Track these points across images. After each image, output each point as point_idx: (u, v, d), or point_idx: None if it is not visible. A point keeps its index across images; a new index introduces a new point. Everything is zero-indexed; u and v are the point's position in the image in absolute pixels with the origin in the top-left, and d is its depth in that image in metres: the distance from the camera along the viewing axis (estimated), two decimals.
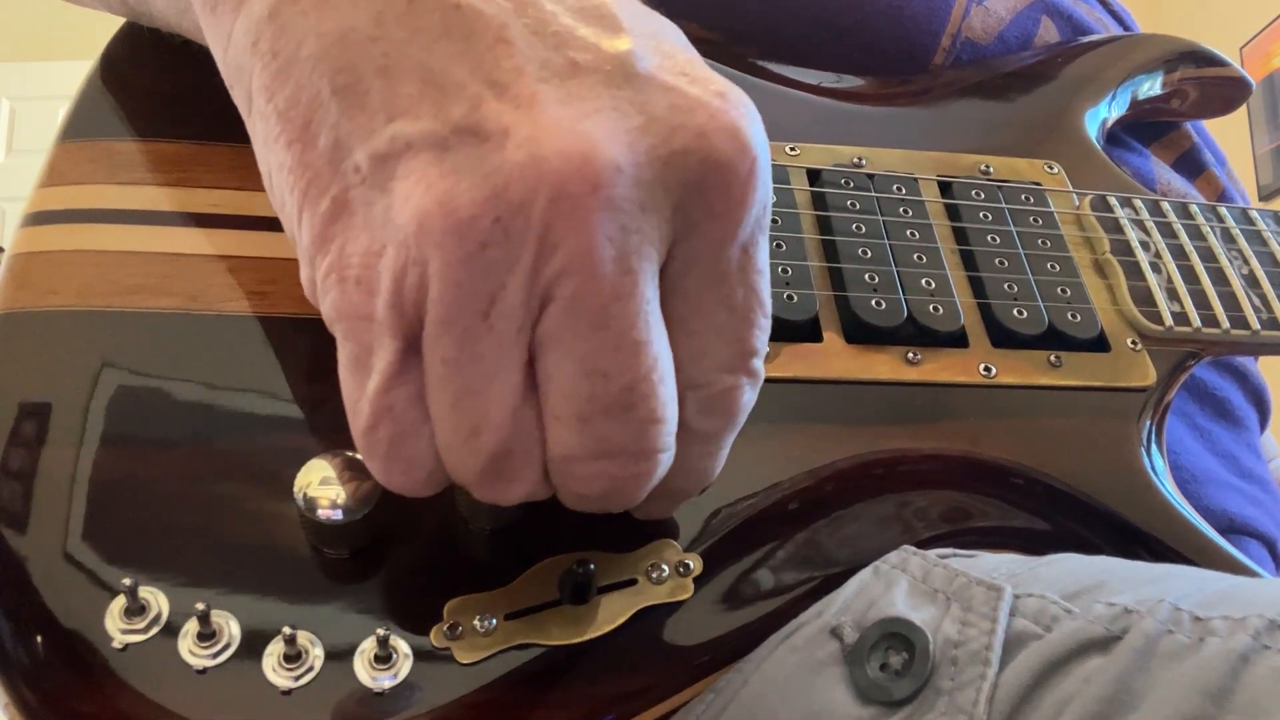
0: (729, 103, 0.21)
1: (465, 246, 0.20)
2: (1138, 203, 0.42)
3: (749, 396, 0.24)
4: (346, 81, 0.21)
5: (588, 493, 0.23)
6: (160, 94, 0.36)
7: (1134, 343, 0.37)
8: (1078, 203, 0.42)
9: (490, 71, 0.20)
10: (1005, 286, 0.37)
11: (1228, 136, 0.55)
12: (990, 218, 0.39)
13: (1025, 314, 0.36)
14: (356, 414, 0.22)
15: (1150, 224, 0.41)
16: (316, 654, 0.25)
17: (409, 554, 0.27)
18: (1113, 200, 0.41)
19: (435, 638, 0.26)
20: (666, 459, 0.23)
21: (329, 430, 0.29)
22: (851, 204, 0.38)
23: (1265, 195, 2.21)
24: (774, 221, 0.36)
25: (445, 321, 0.20)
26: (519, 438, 0.22)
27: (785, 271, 0.35)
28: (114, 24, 0.38)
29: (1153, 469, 0.34)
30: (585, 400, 0.21)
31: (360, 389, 0.22)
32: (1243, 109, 0.53)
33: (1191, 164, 0.53)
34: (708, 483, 0.26)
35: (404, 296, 0.21)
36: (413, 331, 0.21)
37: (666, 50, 0.22)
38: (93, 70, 0.36)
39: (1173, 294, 0.39)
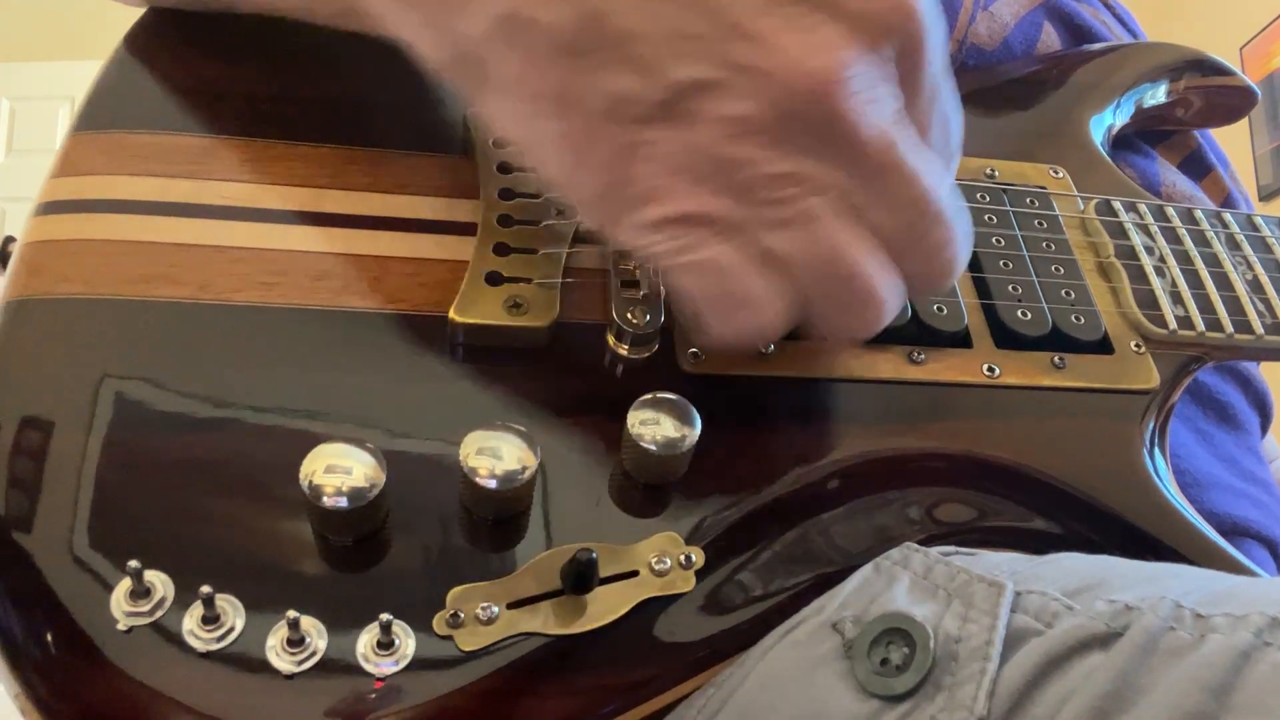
0: None
1: (765, 143, 0.25)
2: (1142, 207, 0.42)
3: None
4: (601, 58, 0.25)
5: (937, 266, 0.29)
6: (174, 87, 0.36)
7: (1137, 345, 0.37)
8: (1082, 206, 0.42)
9: (722, 19, 0.25)
10: (1009, 288, 0.37)
11: (1228, 137, 0.55)
12: (995, 220, 0.40)
13: (1029, 315, 0.36)
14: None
15: (1155, 228, 0.41)
16: (319, 640, 0.25)
17: (413, 542, 0.27)
18: (1117, 204, 0.42)
19: (438, 625, 0.26)
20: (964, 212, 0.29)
21: (335, 418, 0.29)
22: None
23: (1265, 196, 2.21)
24: None
25: (774, 201, 0.26)
26: (868, 265, 0.27)
27: None
28: (115, 23, 0.38)
29: (1155, 471, 0.34)
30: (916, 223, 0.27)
31: (721, 264, 0.27)
32: None
33: (1197, 165, 0.53)
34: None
35: (724, 186, 0.26)
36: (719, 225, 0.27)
37: None
38: (108, 62, 0.37)
39: (1177, 297, 0.39)
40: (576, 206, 0.28)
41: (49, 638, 0.25)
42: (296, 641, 0.25)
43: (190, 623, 0.25)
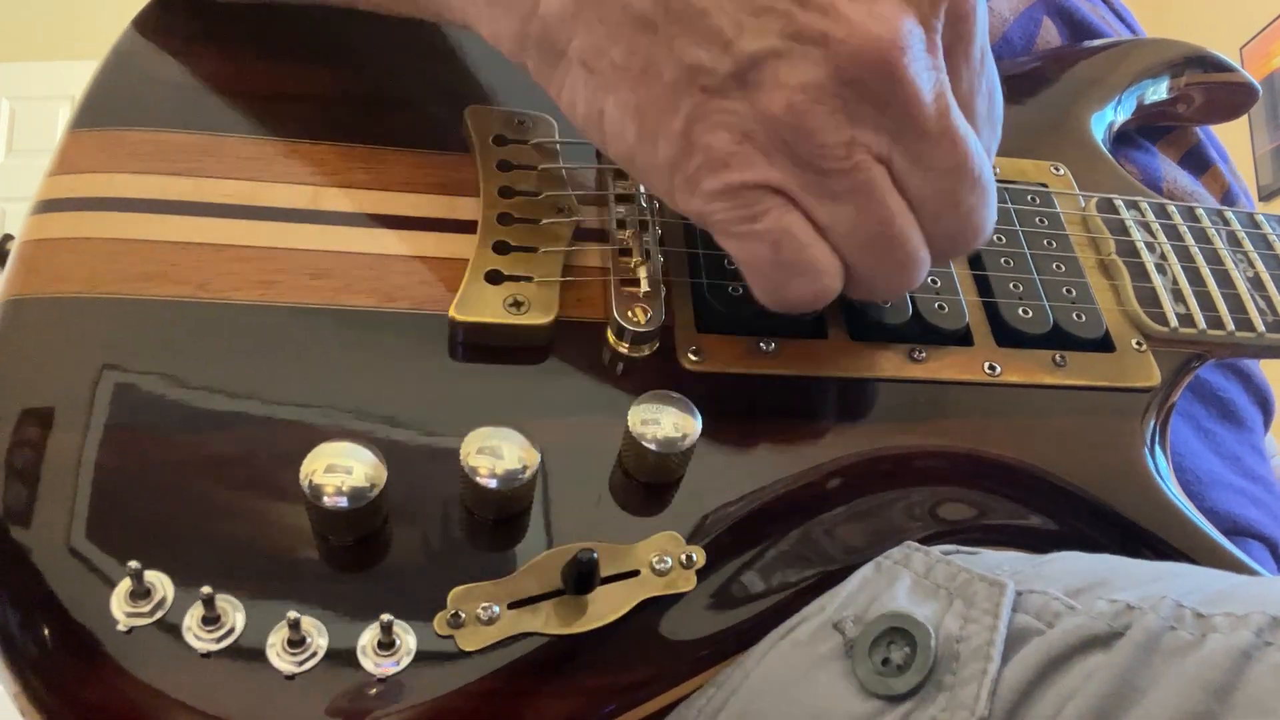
0: None
1: (830, 110, 0.27)
2: (1143, 205, 0.42)
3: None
4: (677, 30, 0.27)
5: (969, 229, 0.30)
6: (172, 84, 0.36)
7: (1139, 343, 0.37)
8: (1084, 204, 0.42)
9: None
10: (1010, 286, 0.37)
11: (1228, 137, 0.55)
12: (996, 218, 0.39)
13: (1030, 313, 0.36)
14: (785, 247, 0.28)
15: (1156, 226, 0.41)
16: (320, 640, 0.25)
17: (413, 542, 0.27)
18: (1118, 202, 0.41)
19: (438, 625, 0.26)
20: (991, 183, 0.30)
21: (335, 417, 0.29)
22: None
23: (1265, 195, 2.21)
24: None
25: (834, 171, 0.27)
26: (910, 231, 0.29)
27: None
28: (115, 24, 0.38)
29: (1156, 469, 0.34)
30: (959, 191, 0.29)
31: (782, 233, 0.28)
32: None
33: (1198, 160, 0.53)
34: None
35: (787, 155, 0.27)
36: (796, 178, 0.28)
37: None
38: (106, 60, 0.37)
39: (1178, 295, 0.39)
40: (641, 176, 0.29)
41: (48, 638, 0.25)
42: (297, 642, 0.24)
43: (190, 623, 0.24)
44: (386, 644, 0.25)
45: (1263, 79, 2.21)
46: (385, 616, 0.25)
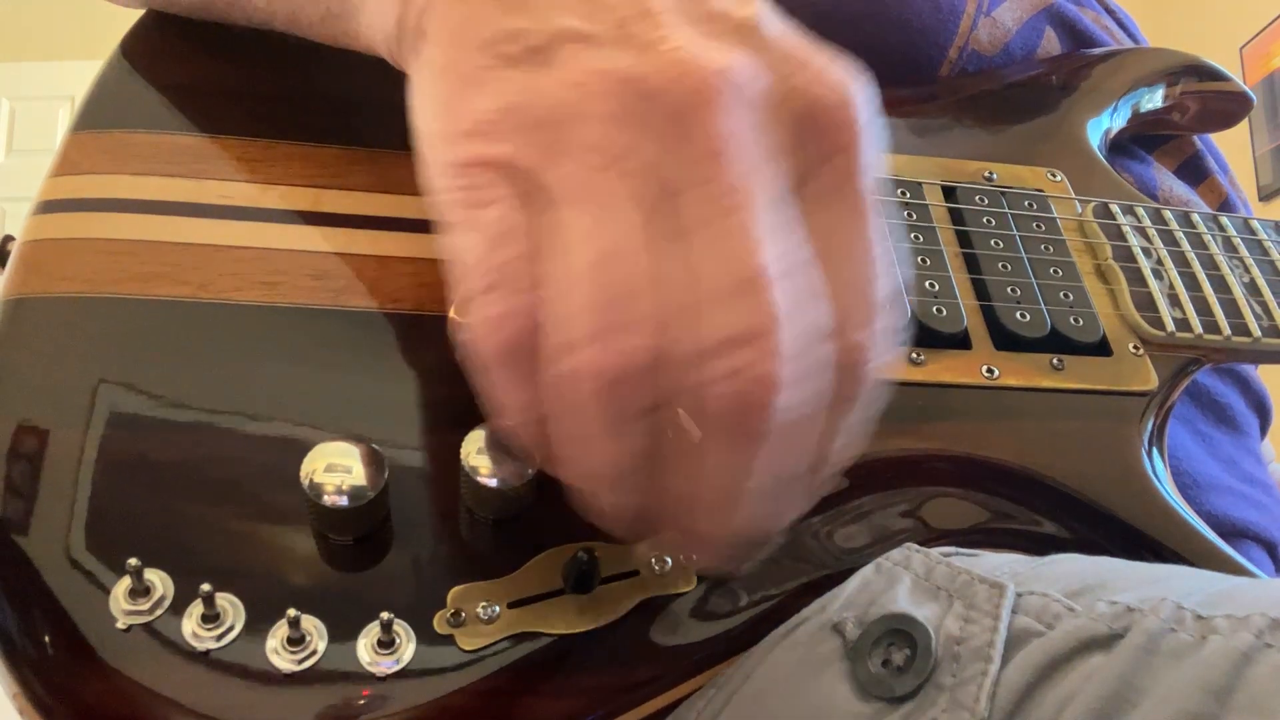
0: (837, 65, 0.25)
1: (605, 105, 0.23)
2: (1140, 210, 0.42)
3: (871, 365, 0.24)
4: (517, 4, 0.24)
5: (722, 402, 0.22)
6: (174, 87, 0.36)
7: (1136, 348, 0.37)
8: (1080, 209, 0.42)
9: (641, 3, 0.24)
10: (1008, 290, 0.37)
11: (1228, 137, 0.56)
12: (993, 222, 0.40)
13: (1028, 317, 0.36)
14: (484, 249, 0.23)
15: (1152, 231, 0.41)
16: (320, 639, 0.25)
17: (414, 541, 0.27)
18: (1115, 207, 0.42)
19: (438, 624, 0.26)
20: (800, 395, 0.22)
21: (335, 417, 0.29)
22: None
23: (1265, 196, 2.21)
24: None
25: (577, 167, 0.23)
26: (649, 282, 0.22)
27: None
28: (115, 23, 0.38)
29: (1154, 472, 0.34)
30: (717, 276, 0.22)
31: (480, 239, 0.23)
32: None
33: (1195, 170, 0.53)
34: (828, 470, 0.25)
35: (548, 143, 0.23)
36: (524, 187, 0.23)
37: (785, 27, 0.25)
38: (108, 62, 0.37)
39: (1174, 300, 0.39)
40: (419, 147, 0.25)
41: (47, 637, 0.25)
42: (297, 640, 0.24)
43: (190, 622, 0.24)
44: (386, 643, 0.25)
45: (1263, 79, 2.22)
46: (385, 615, 0.24)
